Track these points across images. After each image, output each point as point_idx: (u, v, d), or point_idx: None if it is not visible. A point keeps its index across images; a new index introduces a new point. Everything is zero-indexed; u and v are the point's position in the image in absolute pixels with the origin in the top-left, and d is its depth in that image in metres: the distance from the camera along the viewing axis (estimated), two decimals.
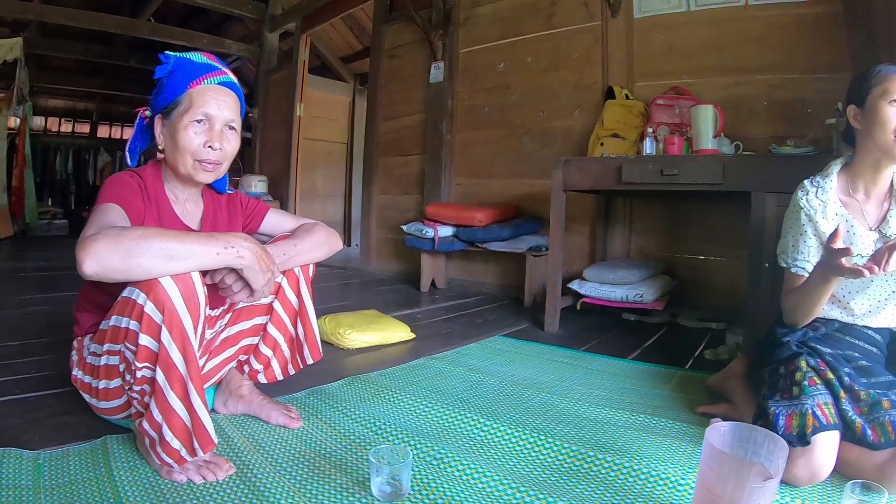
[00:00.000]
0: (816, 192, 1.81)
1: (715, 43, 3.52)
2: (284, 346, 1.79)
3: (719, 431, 1.30)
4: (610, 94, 3.75)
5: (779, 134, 3.12)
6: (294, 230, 1.76)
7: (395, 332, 2.88)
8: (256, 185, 7.09)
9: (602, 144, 3.52)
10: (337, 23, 7.59)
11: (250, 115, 7.90)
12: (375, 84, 5.68)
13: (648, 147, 3.11)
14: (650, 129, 3.20)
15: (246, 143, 8.22)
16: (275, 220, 1.83)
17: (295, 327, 1.78)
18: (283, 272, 1.69)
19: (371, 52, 5.83)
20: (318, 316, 2.69)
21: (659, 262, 3.65)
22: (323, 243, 1.75)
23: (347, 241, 8.32)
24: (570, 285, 3.41)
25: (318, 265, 1.82)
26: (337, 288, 4.73)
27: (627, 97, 3.70)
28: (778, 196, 2.37)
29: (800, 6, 3.21)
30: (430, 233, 4.23)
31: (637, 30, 3.85)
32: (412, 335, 2.93)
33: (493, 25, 4.66)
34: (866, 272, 1.44)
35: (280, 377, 1.84)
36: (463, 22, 4.86)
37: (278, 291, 1.72)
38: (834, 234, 1.52)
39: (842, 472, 1.49)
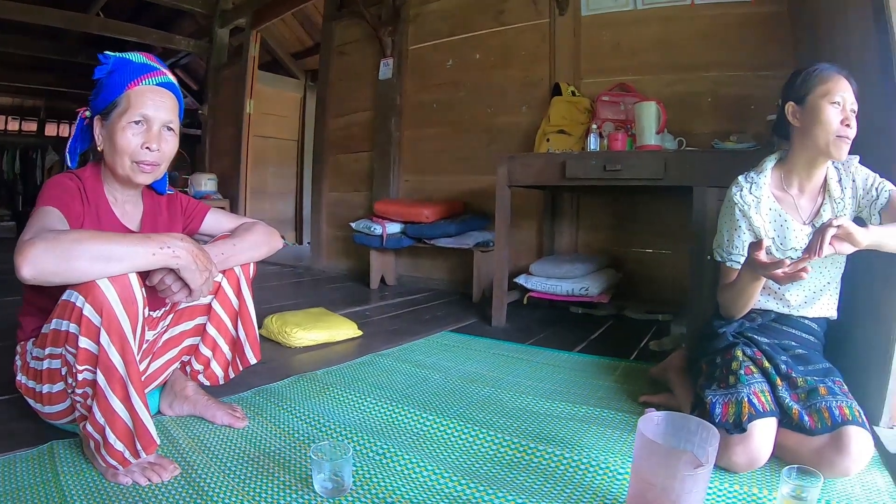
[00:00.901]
0: (750, 187, 1.86)
1: (661, 41, 3.61)
2: (225, 347, 1.79)
3: (653, 421, 1.34)
4: (557, 90, 3.79)
5: (723, 130, 3.20)
6: (234, 230, 1.76)
7: (342, 329, 2.88)
8: (206, 183, 6.99)
9: (548, 140, 3.56)
10: (288, 18, 7.54)
11: (200, 112, 7.78)
12: (325, 81, 5.64)
13: (593, 143, 3.16)
14: (594, 126, 3.26)
15: (196, 141, 8.09)
16: (215, 220, 1.83)
17: (235, 328, 1.78)
18: (224, 272, 1.69)
19: (321, 48, 5.80)
20: (266, 315, 2.69)
21: (605, 256, 3.72)
22: (262, 242, 1.75)
23: (299, 239, 8.26)
24: (516, 280, 3.46)
25: (266, 264, 1.82)
26: (287, 286, 4.69)
27: (574, 94, 3.75)
28: (719, 190, 2.40)
29: (745, 5, 3.32)
30: (378, 230, 4.23)
31: (584, 27, 3.91)
32: (359, 332, 2.94)
33: (442, 22, 4.67)
34: (804, 274, 1.47)
35: (221, 381, 1.85)
36: (412, 18, 4.86)
37: (218, 291, 1.72)
38: (757, 245, 1.56)
39: (781, 458, 1.54)
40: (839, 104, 1.69)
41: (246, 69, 6.99)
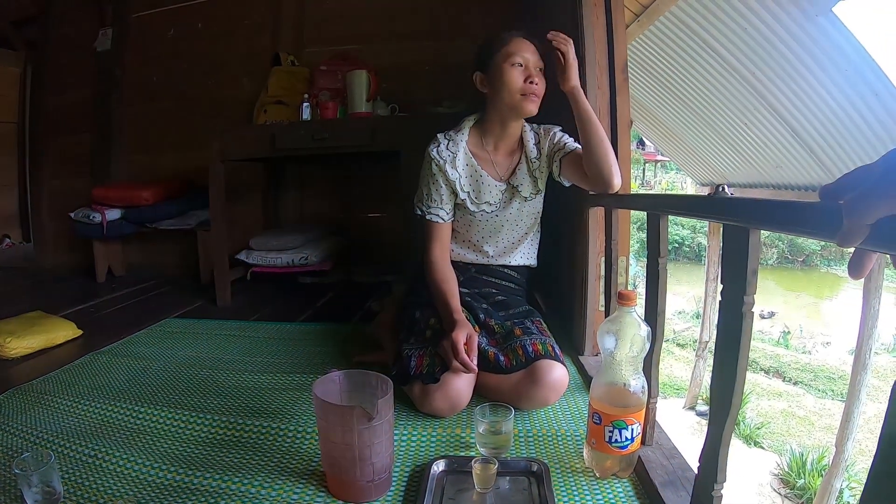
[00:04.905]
0: (448, 144, 1.96)
1: (387, 11, 3.70)
2: None
3: (333, 381, 1.39)
4: (276, 60, 3.72)
5: (442, 97, 3.31)
6: None
7: (60, 331, 2.66)
8: None
9: (265, 112, 3.47)
10: None
11: None
12: (44, 52, 5.01)
13: (305, 112, 3.13)
14: (306, 95, 3.23)
15: None
16: None
17: None
18: None
19: (41, 16, 5.12)
20: None
21: (330, 224, 3.78)
22: None
23: (27, 237, 7.31)
24: (237, 256, 3.37)
25: None
26: (8, 292, 4.15)
27: (294, 63, 3.70)
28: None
29: None
30: (97, 218, 3.87)
31: None
32: (79, 332, 2.73)
33: None
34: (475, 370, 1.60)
35: None
36: None
37: None
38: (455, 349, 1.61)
39: (489, 398, 1.67)
40: (521, 64, 1.82)
41: None
